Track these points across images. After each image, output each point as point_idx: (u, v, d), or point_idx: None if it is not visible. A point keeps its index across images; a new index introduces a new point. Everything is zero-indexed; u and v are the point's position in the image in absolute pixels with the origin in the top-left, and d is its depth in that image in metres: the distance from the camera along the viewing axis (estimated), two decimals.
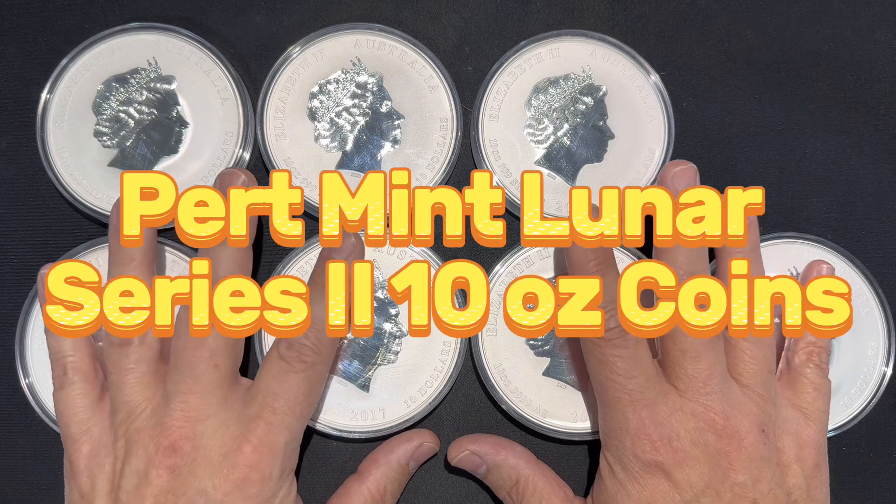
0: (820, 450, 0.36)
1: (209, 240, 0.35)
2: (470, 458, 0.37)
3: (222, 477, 0.33)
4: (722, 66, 0.42)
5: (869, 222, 0.42)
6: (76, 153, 0.40)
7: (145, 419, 0.34)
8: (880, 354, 0.40)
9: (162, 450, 0.33)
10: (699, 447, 0.34)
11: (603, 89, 0.41)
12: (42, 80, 0.40)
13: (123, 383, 0.35)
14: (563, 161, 0.40)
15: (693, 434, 0.34)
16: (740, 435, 0.34)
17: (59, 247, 0.40)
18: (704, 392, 0.34)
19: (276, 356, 0.34)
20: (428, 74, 0.41)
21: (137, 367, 0.35)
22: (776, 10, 0.43)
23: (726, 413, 0.34)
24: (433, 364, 0.39)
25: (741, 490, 0.34)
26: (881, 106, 0.42)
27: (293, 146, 0.40)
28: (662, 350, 0.36)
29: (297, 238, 0.35)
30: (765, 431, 0.34)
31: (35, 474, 0.39)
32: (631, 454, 0.34)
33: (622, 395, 0.34)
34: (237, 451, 0.33)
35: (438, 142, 0.40)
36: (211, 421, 0.34)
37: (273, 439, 0.34)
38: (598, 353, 0.34)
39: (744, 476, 0.34)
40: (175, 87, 0.40)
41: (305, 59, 0.40)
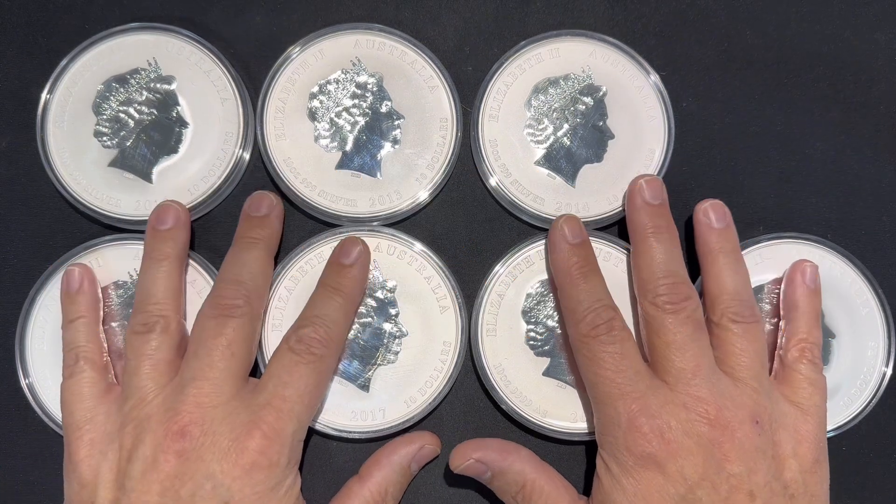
0: (818, 445, 0.36)
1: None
2: (475, 465, 0.37)
3: (231, 462, 0.33)
4: (722, 66, 0.42)
5: (869, 222, 0.42)
6: (76, 153, 0.40)
7: (156, 406, 0.34)
8: (880, 354, 0.40)
9: (171, 434, 0.33)
10: (692, 438, 0.34)
11: (603, 89, 0.41)
12: (42, 80, 0.40)
13: (139, 369, 0.35)
14: (563, 161, 0.40)
15: (685, 425, 0.34)
16: (733, 426, 0.34)
17: (59, 247, 0.40)
18: (694, 384, 0.34)
19: (285, 349, 0.35)
20: (428, 74, 0.41)
21: (156, 354, 0.35)
22: (776, 10, 0.43)
23: (718, 403, 0.34)
24: (433, 364, 0.39)
25: (737, 481, 0.33)
26: (881, 106, 0.42)
27: (293, 146, 0.40)
28: (649, 347, 0.36)
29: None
30: (759, 423, 0.34)
31: (35, 474, 0.39)
32: (624, 448, 0.34)
33: (612, 390, 0.34)
34: (247, 436, 0.33)
35: (438, 142, 0.40)
36: (221, 408, 0.34)
37: (282, 426, 0.34)
38: (587, 351, 0.35)
39: (739, 467, 0.33)
40: (175, 88, 0.40)
41: (305, 60, 0.40)
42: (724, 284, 0.37)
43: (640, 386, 0.34)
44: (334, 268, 0.38)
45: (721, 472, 0.33)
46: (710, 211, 0.38)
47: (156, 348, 0.35)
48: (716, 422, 0.34)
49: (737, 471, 0.33)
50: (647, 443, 0.33)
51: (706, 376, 0.34)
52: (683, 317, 0.35)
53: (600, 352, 0.35)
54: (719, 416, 0.34)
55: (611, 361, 0.35)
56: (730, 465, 0.33)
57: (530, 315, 0.40)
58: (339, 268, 0.38)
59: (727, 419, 0.34)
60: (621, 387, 0.34)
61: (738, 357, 0.36)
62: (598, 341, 0.35)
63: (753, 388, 0.35)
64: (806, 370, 0.37)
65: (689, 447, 0.33)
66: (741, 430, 0.34)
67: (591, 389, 0.36)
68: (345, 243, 0.38)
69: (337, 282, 0.37)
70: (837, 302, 0.40)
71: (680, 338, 0.35)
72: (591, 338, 0.35)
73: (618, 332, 0.35)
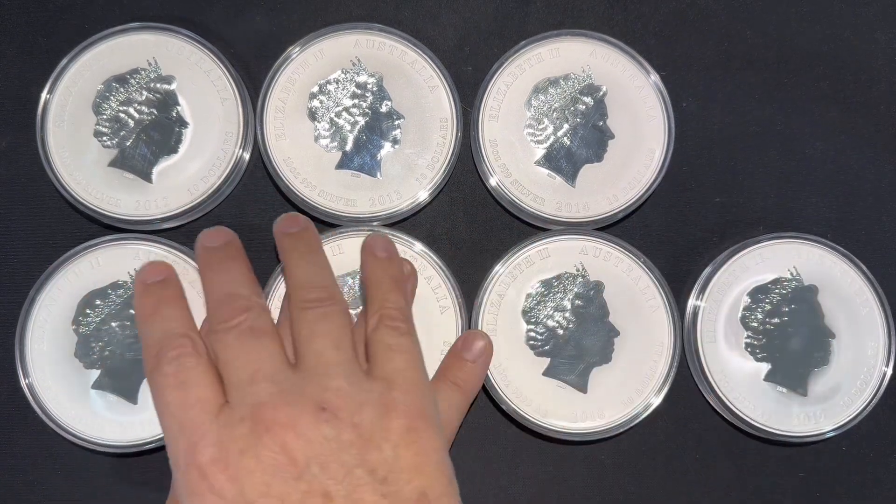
0: (408, 412, 0.31)
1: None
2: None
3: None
4: (722, 66, 0.42)
5: (869, 222, 0.42)
6: (76, 153, 0.40)
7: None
8: (880, 354, 0.40)
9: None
10: (249, 454, 0.29)
11: (603, 89, 0.41)
12: (42, 80, 0.40)
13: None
14: (563, 161, 0.40)
15: (241, 442, 0.29)
16: (292, 421, 0.30)
17: (59, 247, 0.40)
18: (252, 391, 0.31)
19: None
20: (428, 74, 0.41)
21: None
22: (776, 10, 0.43)
23: (275, 402, 0.30)
24: (434, 364, 0.39)
25: (308, 485, 0.29)
26: (881, 106, 0.42)
27: (293, 146, 0.40)
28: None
29: None
30: (326, 409, 0.30)
31: (35, 474, 0.39)
32: (185, 489, 0.30)
33: (173, 425, 0.31)
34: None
35: (438, 142, 0.40)
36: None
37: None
38: (152, 382, 0.32)
39: (308, 466, 0.29)
40: (175, 87, 0.40)
41: (305, 59, 0.40)
42: (292, 276, 0.35)
43: (200, 416, 0.31)
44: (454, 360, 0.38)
45: (288, 480, 0.29)
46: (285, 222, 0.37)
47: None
48: (273, 423, 0.29)
49: (306, 472, 0.29)
50: (201, 478, 0.29)
51: (267, 378, 0.31)
52: (236, 333, 0.32)
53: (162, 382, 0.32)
54: (276, 415, 0.30)
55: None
56: (296, 468, 0.29)
57: (530, 315, 0.40)
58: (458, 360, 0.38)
59: (286, 415, 0.30)
60: (181, 420, 0.31)
61: (304, 345, 0.32)
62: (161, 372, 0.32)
63: (322, 374, 0.31)
64: (384, 336, 0.33)
65: (248, 466, 0.29)
66: (301, 424, 0.30)
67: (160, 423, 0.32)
68: (468, 337, 0.38)
69: (455, 375, 0.37)
70: (837, 302, 0.40)
71: (231, 353, 0.32)
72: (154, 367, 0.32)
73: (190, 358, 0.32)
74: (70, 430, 0.38)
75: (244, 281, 0.34)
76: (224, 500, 0.29)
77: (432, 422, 0.32)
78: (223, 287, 0.34)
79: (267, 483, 0.29)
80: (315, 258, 0.36)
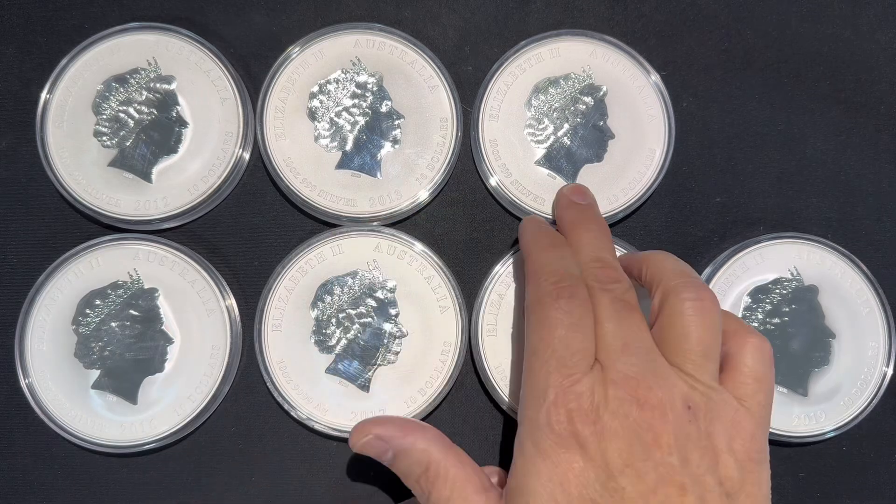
0: (756, 444, 0.32)
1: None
2: (374, 443, 0.33)
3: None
4: (722, 66, 0.42)
5: (869, 222, 0.42)
6: (76, 153, 0.40)
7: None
8: (880, 354, 0.40)
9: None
10: (618, 419, 0.30)
11: (603, 89, 0.41)
12: (42, 80, 0.40)
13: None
14: (563, 161, 0.40)
15: (613, 404, 0.30)
16: (664, 407, 0.30)
17: (59, 247, 0.40)
18: (624, 360, 0.31)
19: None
20: (428, 74, 0.41)
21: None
22: (776, 10, 0.43)
23: (648, 383, 0.30)
24: (433, 364, 0.39)
25: (667, 471, 0.29)
26: (881, 106, 0.42)
27: (293, 146, 0.40)
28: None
29: None
30: (691, 409, 0.31)
31: (35, 474, 0.39)
32: (545, 426, 0.30)
33: (551, 361, 0.31)
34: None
35: (438, 142, 0.40)
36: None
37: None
38: (541, 313, 0.32)
39: (670, 455, 0.30)
40: (175, 87, 0.40)
41: (305, 59, 0.40)
42: (664, 263, 0.34)
43: (581, 364, 0.31)
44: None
45: (649, 460, 0.29)
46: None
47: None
48: (645, 402, 0.30)
49: (668, 459, 0.30)
50: (569, 421, 0.30)
51: (639, 354, 0.31)
52: (612, 297, 0.33)
53: (555, 318, 0.32)
54: (649, 395, 0.30)
55: (561, 332, 0.32)
56: (660, 452, 0.30)
57: None
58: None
59: (658, 399, 0.30)
60: (561, 360, 0.31)
61: (679, 343, 0.32)
62: (556, 306, 0.32)
63: (690, 373, 0.32)
64: (752, 362, 0.33)
65: (615, 429, 0.30)
66: (672, 413, 0.30)
67: (530, 357, 0.33)
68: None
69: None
70: (838, 302, 0.40)
71: (607, 314, 0.32)
72: (552, 299, 0.32)
73: (578, 301, 0.32)
74: (70, 430, 0.38)
75: (608, 247, 0.35)
76: (584, 450, 0.30)
77: (767, 467, 0.32)
78: (591, 246, 0.35)
79: (629, 452, 0.30)
80: (603, 231, 0.36)
